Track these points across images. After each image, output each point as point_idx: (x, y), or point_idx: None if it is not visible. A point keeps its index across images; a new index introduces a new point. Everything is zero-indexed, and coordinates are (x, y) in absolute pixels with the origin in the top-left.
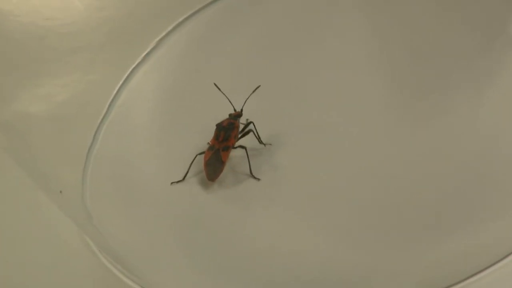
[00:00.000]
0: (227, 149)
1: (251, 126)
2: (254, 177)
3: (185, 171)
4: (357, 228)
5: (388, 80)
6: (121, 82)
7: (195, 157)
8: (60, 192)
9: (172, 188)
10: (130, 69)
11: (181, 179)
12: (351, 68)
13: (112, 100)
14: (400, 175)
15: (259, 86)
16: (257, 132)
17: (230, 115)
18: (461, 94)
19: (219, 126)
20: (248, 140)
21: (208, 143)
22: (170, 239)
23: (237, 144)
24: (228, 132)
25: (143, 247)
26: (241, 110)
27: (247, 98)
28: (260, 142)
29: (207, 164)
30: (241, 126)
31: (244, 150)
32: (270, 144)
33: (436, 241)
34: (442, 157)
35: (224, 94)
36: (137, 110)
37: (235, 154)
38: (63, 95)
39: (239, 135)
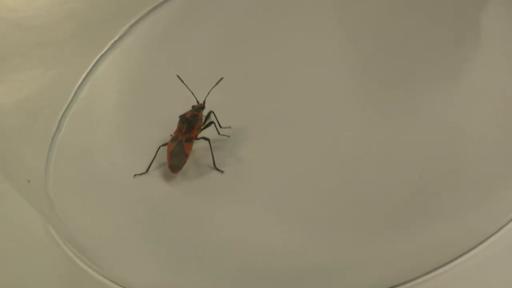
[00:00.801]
0: (190, 140)
1: (211, 117)
2: (218, 170)
3: (149, 163)
4: (323, 220)
5: (355, 74)
6: (84, 75)
7: (158, 148)
8: (28, 181)
9: (135, 180)
10: (93, 62)
11: (144, 171)
12: (317, 62)
13: (76, 92)
14: (367, 166)
15: (222, 78)
16: (218, 122)
17: (193, 107)
18: (430, 88)
19: (182, 118)
20: (211, 132)
21: (171, 135)
22: (135, 231)
23: (200, 135)
24: (191, 124)
25: (108, 239)
26: (204, 102)
27: (210, 90)
28: (219, 132)
29: (170, 155)
30: (204, 119)
31: (207, 142)
32: (228, 136)
33: (406, 232)
34: (408, 149)
35: (187, 86)
36: (101, 102)
37: (199, 146)
38: (26, 90)
39: (202, 127)
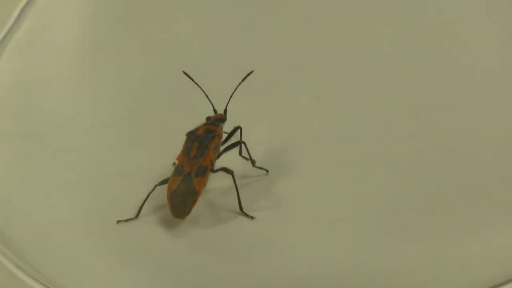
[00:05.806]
0: (203, 173)
1: (239, 135)
2: (246, 215)
3: (139, 206)
4: (375, 275)
5: (415, 82)
6: None
7: (154, 188)
8: None
9: (119, 228)
10: None
11: (133, 216)
12: (375, 56)
13: (20, 13)
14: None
15: (252, 71)
16: (247, 150)
17: (208, 119)
18: None
19: (191, 136)
20: (236, 160)
21: (174, 162)
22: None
23: (218, 165)
24: (205, 143)
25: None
26: (225, 110)
27: (234, 91)
28: (253, 164)
29: (172, 196)
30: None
31: (230, 175)
32: (266, 171)
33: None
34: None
35: (199, 86)
36: (56, 28)
37: (216, 182)
38: None
39: (222, 149)
